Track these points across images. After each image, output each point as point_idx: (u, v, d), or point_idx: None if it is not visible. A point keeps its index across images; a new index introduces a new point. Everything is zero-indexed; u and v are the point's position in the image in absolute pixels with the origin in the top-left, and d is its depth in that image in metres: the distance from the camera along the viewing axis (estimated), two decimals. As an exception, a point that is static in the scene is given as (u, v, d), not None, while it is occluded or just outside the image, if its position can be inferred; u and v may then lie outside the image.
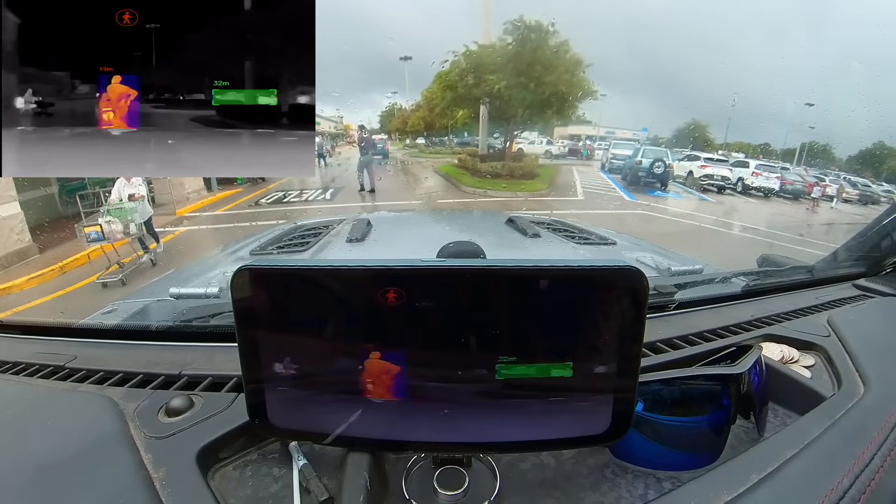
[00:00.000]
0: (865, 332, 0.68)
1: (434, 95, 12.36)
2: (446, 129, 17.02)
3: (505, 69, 10.09)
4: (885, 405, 0.48)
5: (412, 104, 17.70)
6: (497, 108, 11.27)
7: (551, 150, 18.29)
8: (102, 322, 0.79)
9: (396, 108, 19.11)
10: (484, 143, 13.59)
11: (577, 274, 0.32)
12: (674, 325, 0.69)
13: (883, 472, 0.38)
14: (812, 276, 0.98)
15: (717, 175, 11.67)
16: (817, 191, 11.16)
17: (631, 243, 1.52)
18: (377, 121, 19.83)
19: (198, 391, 0.51)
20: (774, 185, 11.58)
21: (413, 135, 19.48)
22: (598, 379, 0.34)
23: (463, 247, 0.80)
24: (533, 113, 10.97)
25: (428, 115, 16.22)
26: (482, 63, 10.34)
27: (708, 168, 11.86)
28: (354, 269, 0.31)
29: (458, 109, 12.79)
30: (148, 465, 0.39)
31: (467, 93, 10.84)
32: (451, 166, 12.07)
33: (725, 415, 0.44)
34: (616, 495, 0.41)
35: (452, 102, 11.66)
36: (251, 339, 0.33)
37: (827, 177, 12.54)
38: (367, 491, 0.36)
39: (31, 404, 0.51)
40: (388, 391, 0.34)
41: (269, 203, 8.28)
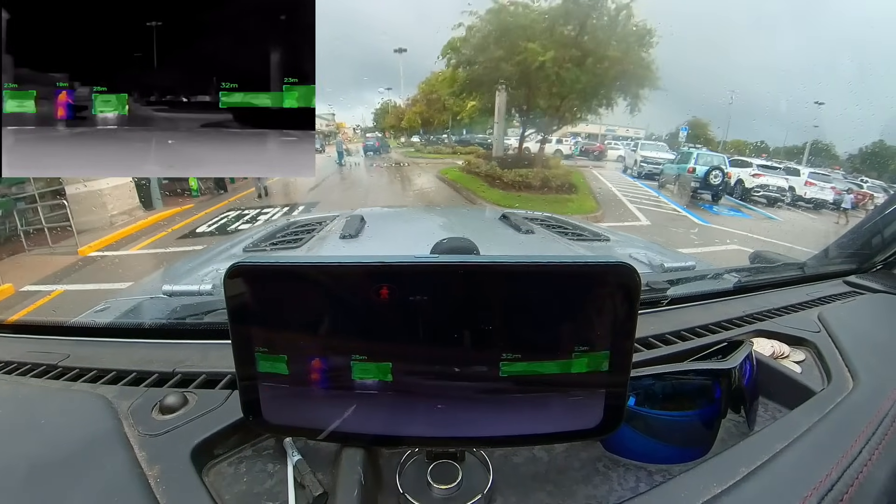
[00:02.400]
0: (855, 328, 0.69)
1: (437, 83, 10.45)
2: (445, 125, 15.49)
3: (552, 36, 6.98)
4: (874, 400, 0.49)
5: (408, 99, 16.27)
6: (524, 95, 8.28)
7: (562, 150, 15.68)
8: (95, 320, 0.78)
9: (391, 104, 17.70)
10: (500, 140, 10.84)
11: (571, 270, 0.32)
12: (666, 321, 0.70)
13: (871, 465, 0.39)
14: (803, 272, 0.99)
15: (773, 185, 9.32)
16: (849, 200, 8.85)
17: (623, 239, 1.53)
18: (371, 118, 18.85)
19: (192, 388, 0.51)
20: (829, 196, 9.38)
21: (409, 132, 18.01)
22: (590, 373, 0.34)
23: (457, 243, 0.80)
24: (584, 100, 7.85)
25: (426, 111, 14.94)
26: (518, 26, 7.19)
27: (763, 177, 9.42)
28: (348, 265, 0.32)
29: (471, 97, 9.80)
30: (142, 463, 0.39)
31: (491, 70, 7.68)
32: (458, 171, 9.62)
33: (716, 409, 0.45)
34: (608, 488, 0.41)
35: (467, 86, 8.74)
36: (245, 336, 0.33)
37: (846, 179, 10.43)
38: (362, 486, 0.36)
39: (24, 404, 0.50)
40: (382, 387, 0.34)
41: (212, 227, 6.01)
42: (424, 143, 17.87)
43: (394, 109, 17.36)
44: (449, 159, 12.86)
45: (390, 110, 17.57)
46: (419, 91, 15.03)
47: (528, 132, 9.93)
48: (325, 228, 1.47)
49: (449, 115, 14.64)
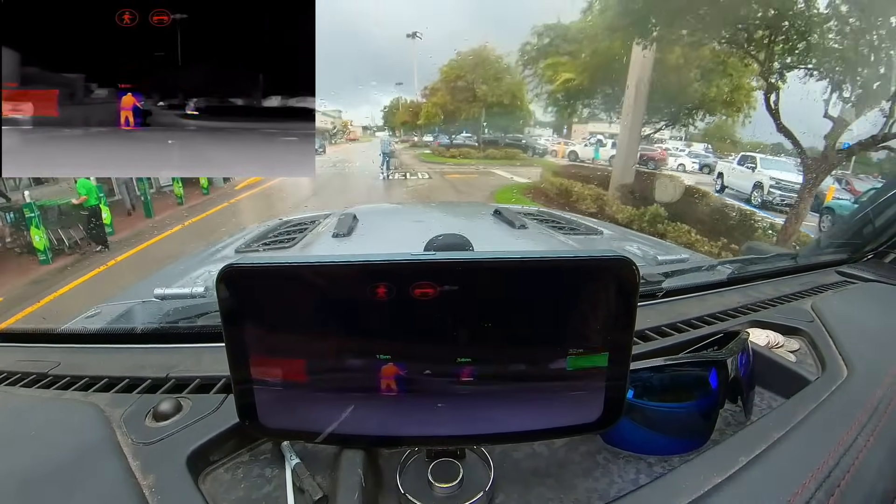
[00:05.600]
0: (848, 317, 0.70)
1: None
2: (475, 118, 11.04)
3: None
4: (868, 387, 0.49)
5: (425, 89, 12.62)
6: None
7: (577, 152, 11.66)
8: (86, 326, 0.77)
9: (402, 102, 14.65)
10: (631, 148, 6.39)
11: (569, 264, 0.32)
12: (662, 313, 0.70)
13: (866, 452, 0.39)
14: (796, 263, 1.00)
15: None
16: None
17: (617, 233, 1.54)
18: (380, 117, 16.41)
19: (185, 394, 0.50)
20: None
21: (422, 129, 14.04)
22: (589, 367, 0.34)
23: (451, 239, 0.80)
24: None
25: (449, 101, 11.05)
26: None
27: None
28: (343, 264, 0.31)
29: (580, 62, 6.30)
30: (136, 473, 0.38)
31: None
32: (540, 207, 3.78)
33: (714, 399, 0.45)
34: (608, 481, 0.41)
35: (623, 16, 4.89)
36: (239, 339, 0.33)
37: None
38: (362, 487, 0.36)
39: (13, 415, 0.49)
40: (380, 386, 0.34)
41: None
42: (446, 143, 13.65)
43: (404, 106, 14.49)
44: (481, 165, 9.52)
45: (401, 107, 14.77)
46: (441, 76, 11.78)
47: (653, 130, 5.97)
48: (318, 227, 1.46)
49: (480, 107, 11.05)
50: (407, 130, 14.77)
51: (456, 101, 10.92)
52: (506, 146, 12.62)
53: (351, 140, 17.17)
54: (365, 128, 12.88)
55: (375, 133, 15.22)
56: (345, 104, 16.20)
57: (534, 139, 13.41)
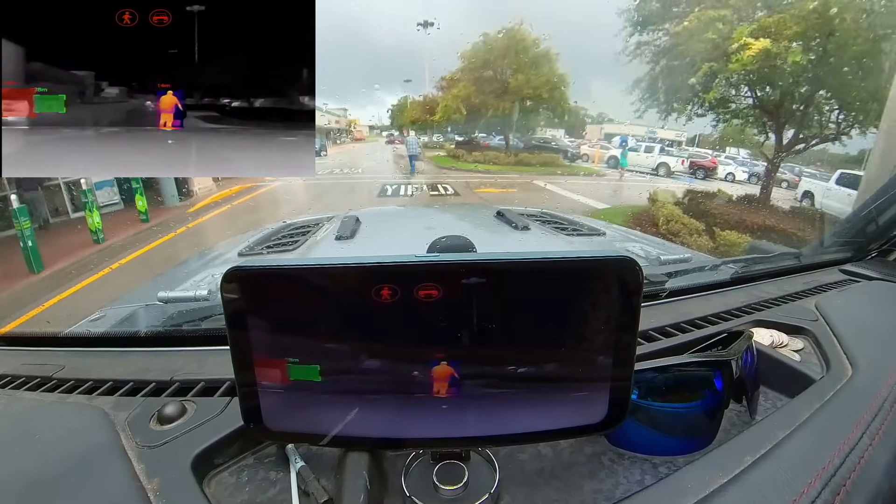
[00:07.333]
0: (852, 316, 0.70)
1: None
2: (505, 114, 8.63)
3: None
4: (872, 386, 0.49)
5: (442, 79, 10.22)
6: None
7: (589, 155, 10.57)
8: (90, 330, 0.77)
9: (410, 100, 12.83)
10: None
11: (573, 265, 0.32)
12: (665, 314, 0.70)
13: (872, 450, 0.39)
14: (799, 262, 1.00)
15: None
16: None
17: (619, 233, 1.53)
18: (386, 116, 15.17)
19: (190, 397, 0.50)
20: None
21: (436, 127, 11.63)
22: (594, 369, 0.34)
23: (454, 241, 0.80)
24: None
25: (474, 94, 8.68)
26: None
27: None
28: (347, 266, 0.31)
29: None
30: (141, 476, 0.39)
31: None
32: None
33: (718, 399, 0.45)
34: (614, 482, 0.41)
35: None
36: (243, 342, 0.33)
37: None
38: (367, 490, 0.36)
39: (18, 418, 0.49)
40: (385, 389, 0.34)
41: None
42: (464, 145, 11.29)
43: (413, 103, 12.40)
44: (514, 174, 7.30)
45: (409, 104, 12.73)
46: (465, 62, 9.23)
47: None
48: (321, 230, 1.46)
49: (512, 101, 8.64)
50: (418, 129, 12.72)
51: (484, 93, 8.88)
52: (534, 148, 10.70)
53: (357, 140, 16.62)
54: (371, 127, 11.98)
55: (382, 133, 14.39)
56: (350, 103, 15.75)
57: (560, 141, 11.71)
